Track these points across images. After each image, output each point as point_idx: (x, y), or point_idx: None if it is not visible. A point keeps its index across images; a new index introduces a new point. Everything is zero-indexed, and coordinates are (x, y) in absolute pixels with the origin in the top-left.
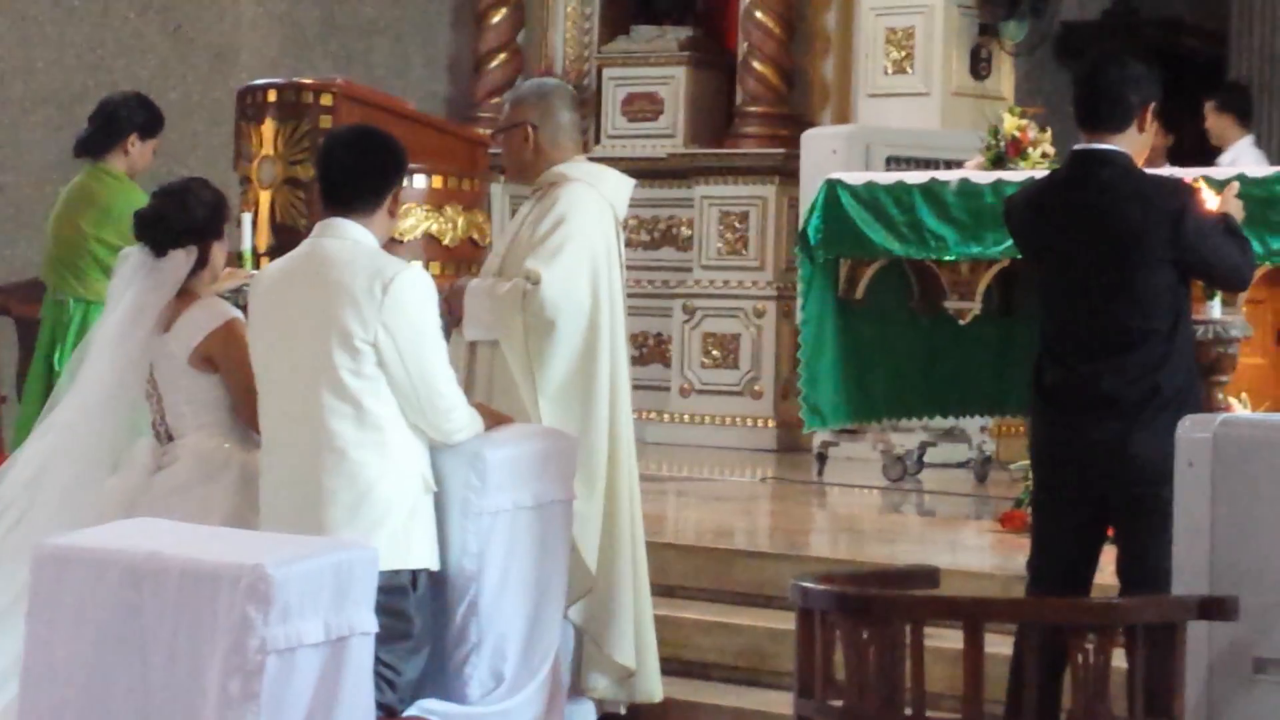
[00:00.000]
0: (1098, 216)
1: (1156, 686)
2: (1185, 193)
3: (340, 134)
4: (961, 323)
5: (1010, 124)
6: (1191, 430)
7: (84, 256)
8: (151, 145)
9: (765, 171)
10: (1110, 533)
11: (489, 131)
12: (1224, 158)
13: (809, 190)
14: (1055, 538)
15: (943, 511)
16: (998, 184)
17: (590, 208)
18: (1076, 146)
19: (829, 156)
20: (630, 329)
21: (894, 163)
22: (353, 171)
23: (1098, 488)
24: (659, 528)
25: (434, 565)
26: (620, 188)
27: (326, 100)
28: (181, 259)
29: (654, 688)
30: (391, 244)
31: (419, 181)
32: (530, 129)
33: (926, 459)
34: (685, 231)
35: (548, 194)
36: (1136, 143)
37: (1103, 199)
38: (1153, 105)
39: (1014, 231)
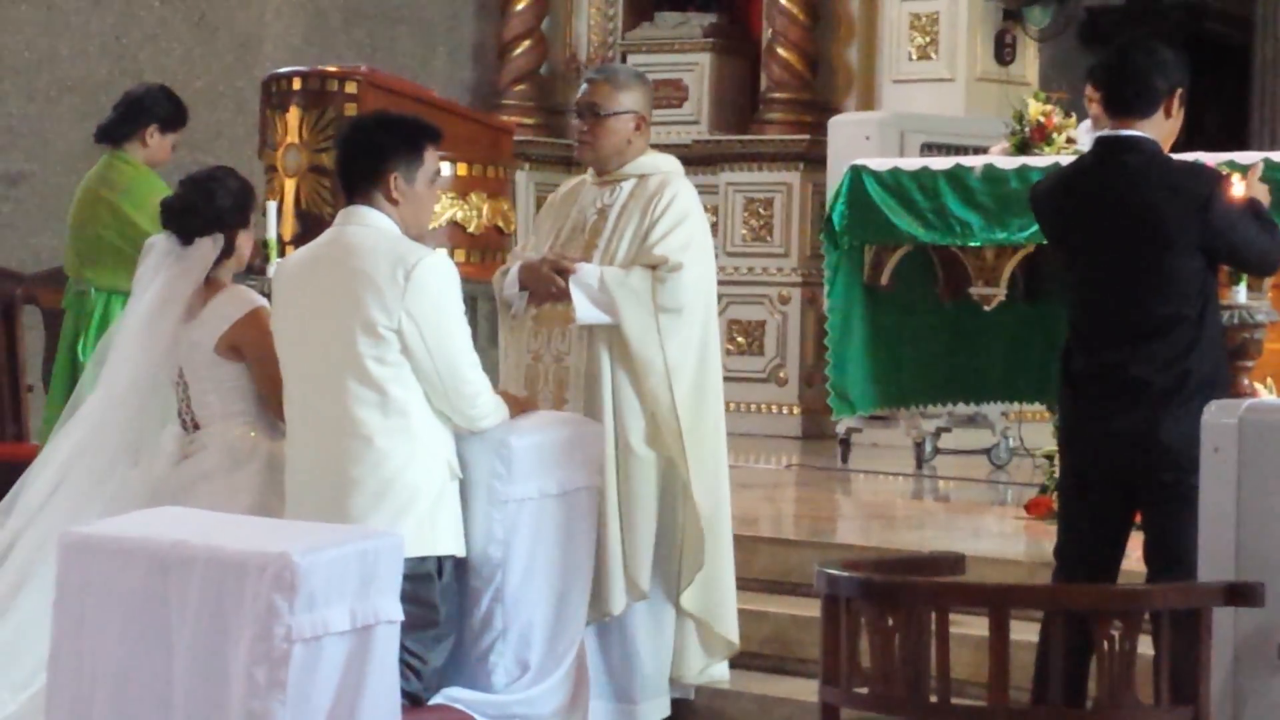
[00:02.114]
0: (1125, 203)
1: (1182, 673)
2: (1213, 179)
3: (349, 121)
4: (987, 309)
5: (1035, 109)
6: (1217, 416)
7: (103, 245)
8: (171, 139)
9: (790, 158)
10: (1137, 519)
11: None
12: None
13: (837, 176)
14: (1083, 524)
15: (968, 498)
16: (1023, 169)
17: (701, 207)
18: (1102, 133)
19: (861, 143)
20: None
21: (929, 149)
22: (350, 157)
23: (1126, 474)
24: None
25: (460, 552)
26: None
27: (351, 88)
28: (208, 247)
29: (724, 669)
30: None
31: (444, 169)
32: (641, 119)
33: (953, 445)
34: (710, 218)
35: (644, 185)
36: (1163, 128)
37: (1129, 186)
38: (1180, 91)
39: (1040, 219)
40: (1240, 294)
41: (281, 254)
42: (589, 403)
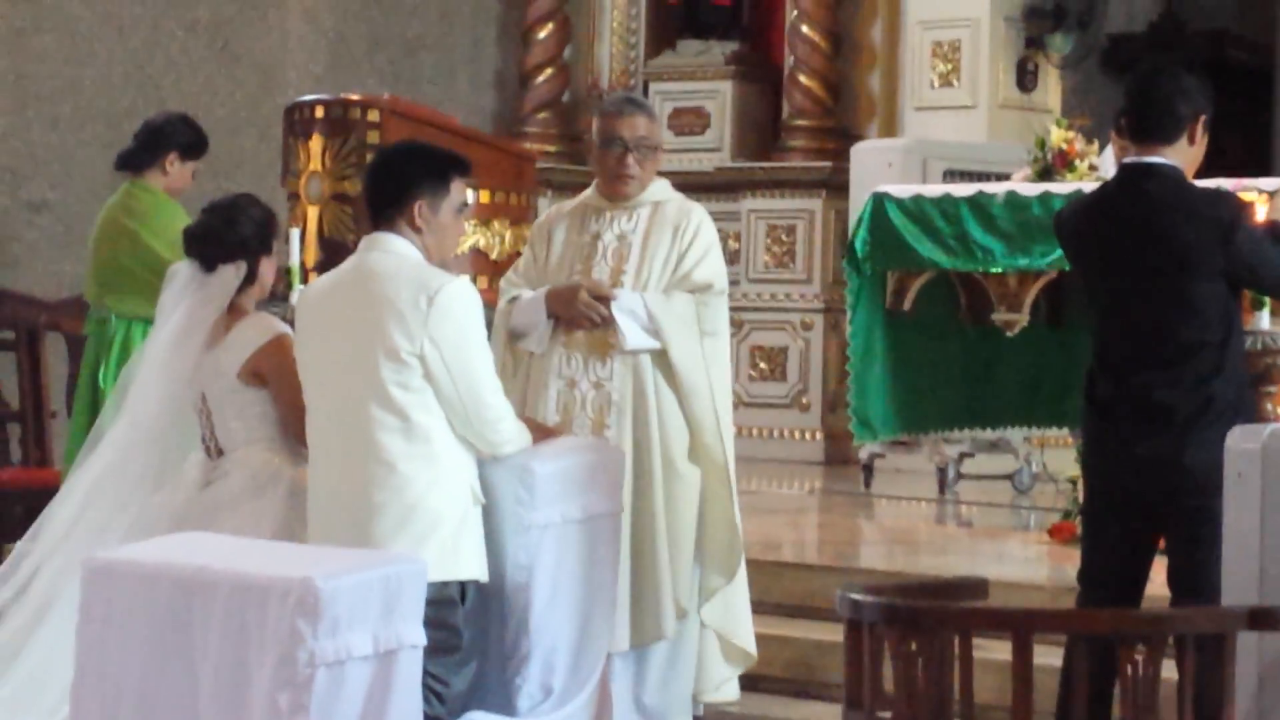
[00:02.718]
0: (1147, 230)
1: (1206, 698)
2: (1235, 205)
3: (381, 148)
4: (1009, 335)
5: (1057, 136)
6: (1241, 441)
7: (123, 273)
8: (191, 167)
9: (812, 185)
10: (1160, 544)
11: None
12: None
13: (859, 203)
14: (1107, 549)
15: (991, 523)
16: (1045, 196)
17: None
18: (1126, 159)
19: (883, 170)
20: None
21: (951, 176)
22: (377, 184)
23: (1150, 499)
24: None
25: (483, 577)
26: None
27: (373, 116)
28: (230, 275)
29: (735, 688)
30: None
31: (468, 196)
32: (660, 149)
33: (976, 471)
34: (732, 245)
35: (661, 211)
36: (1187, 155)
37: (1152, 212)
38: (1203, 118)
39: (1064, 244)
40: (1264, 320)
41: (304, 281)
42: (637, 427)
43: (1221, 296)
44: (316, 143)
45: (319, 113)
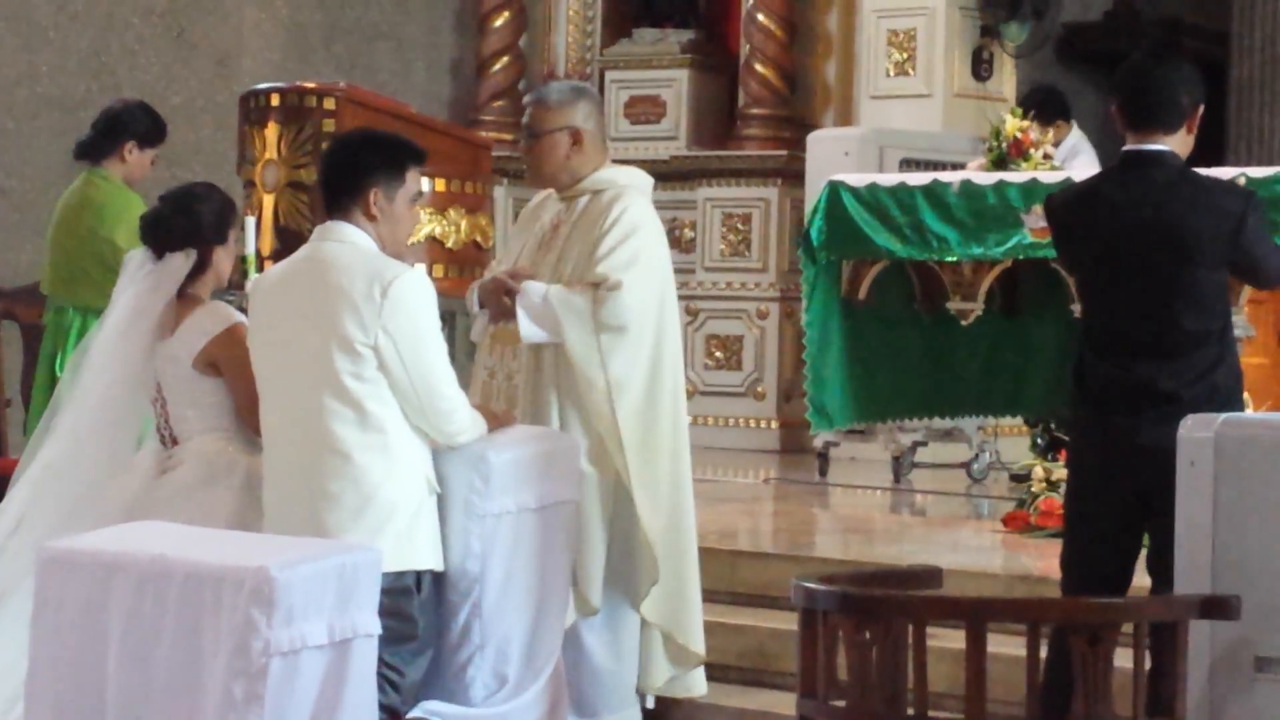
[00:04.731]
0: (1153, 218)
1: (1159, 686)
2: (1247, 196)
3: (336, 136)
4: (964, 324)
5: (1012, 125)
6: (1194, 430)
7: (81, 262)
8: (150, 155)
9: (768, 173)
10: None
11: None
12: (1060, 150)
13: (815, 192)
14: (1097, 540)
15: (945, 512)
16: (1000, 185)
17: (654, 220)
18: (1127, 147)
19: (839, 158)
20: None
21: (907, 164)
22: (332, 171)
23: (1148, 488)
24: None
25: (438, 566)
26: (650, 191)
27: (329, 104)
28: (179, 262)
29: (700, 681)
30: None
31: (423, 185)
32: (576, 133)
33: (930, 460)
34: (688, 234)
35: (597, 201)
36: (1184, 144)
37: (1158, 201)
38: (1200, 108)
39: (1058, 230)
40: None
41: (260, 269)
42: (535, 421)
43: (1221, 285)
44: (272, 131)
45: (275, 101)
